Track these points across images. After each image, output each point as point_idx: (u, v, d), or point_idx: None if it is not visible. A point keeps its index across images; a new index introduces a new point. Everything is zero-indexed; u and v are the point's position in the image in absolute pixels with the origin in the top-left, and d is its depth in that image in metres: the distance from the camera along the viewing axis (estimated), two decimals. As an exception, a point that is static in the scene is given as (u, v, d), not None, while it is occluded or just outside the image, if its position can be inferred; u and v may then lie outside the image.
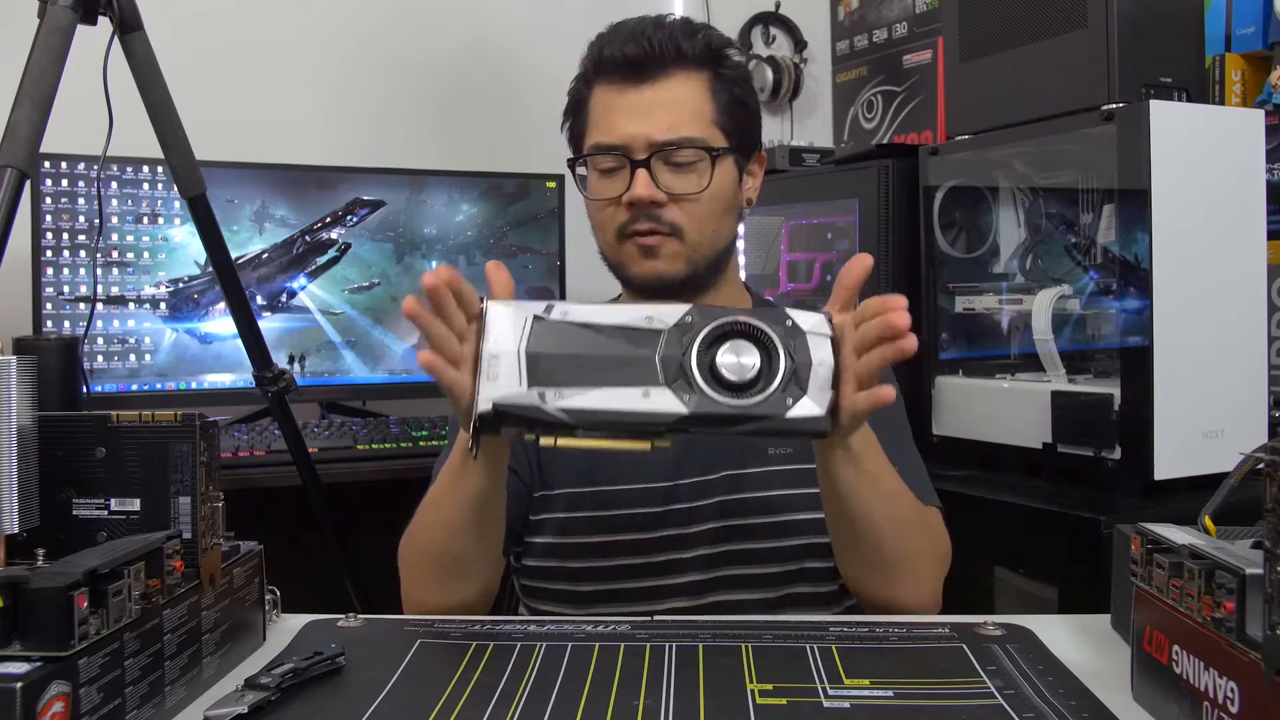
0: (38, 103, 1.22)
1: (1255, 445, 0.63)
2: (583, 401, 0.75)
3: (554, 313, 0.78)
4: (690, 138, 1.07)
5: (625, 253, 1.10)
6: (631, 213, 1.07)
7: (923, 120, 2.45)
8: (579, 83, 1.14)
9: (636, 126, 1.07)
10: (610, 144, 1.08)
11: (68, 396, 1.46)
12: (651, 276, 1.09)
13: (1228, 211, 1.43)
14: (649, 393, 0.75)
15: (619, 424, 0.75)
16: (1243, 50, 1.89)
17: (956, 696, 0.73)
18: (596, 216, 1.12)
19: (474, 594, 1.01)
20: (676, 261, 1.08)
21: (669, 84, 1.08)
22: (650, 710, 0.71)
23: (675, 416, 0.75)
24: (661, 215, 1.07)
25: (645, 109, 1.07)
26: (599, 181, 1.11)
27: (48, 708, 0.58)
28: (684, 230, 1.08)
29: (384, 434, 1.90)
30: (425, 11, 2.35)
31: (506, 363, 0.77)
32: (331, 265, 2.06)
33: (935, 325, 1.72)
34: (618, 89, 1.08)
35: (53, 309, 1.84)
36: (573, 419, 0.75)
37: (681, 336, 0.76)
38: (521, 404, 0.76)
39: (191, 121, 1.45)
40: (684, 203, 1.07)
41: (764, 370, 0.76)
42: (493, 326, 0.78)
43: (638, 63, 1.07)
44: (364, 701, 0.73)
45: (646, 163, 1.06)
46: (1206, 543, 0.68)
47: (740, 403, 0.75)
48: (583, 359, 0.76)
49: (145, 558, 0.70)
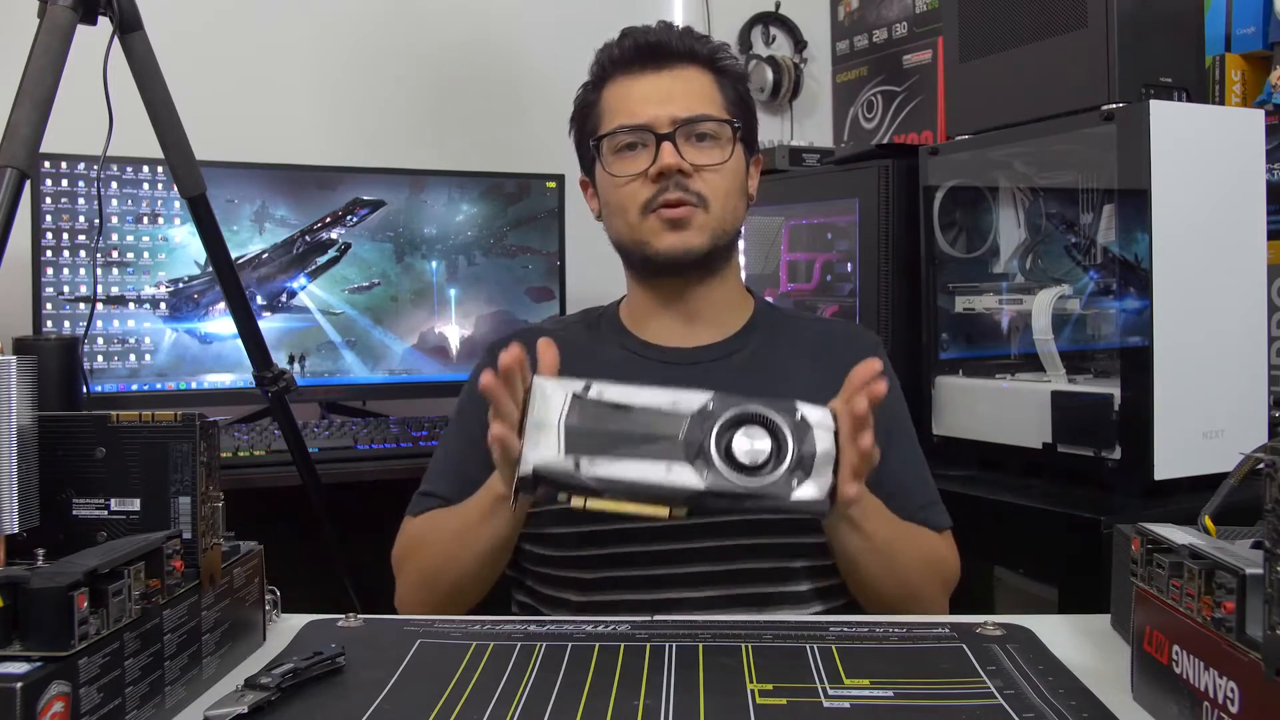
0: (38, 103, 1.22)
1: (1255, 445, 0.63)
2: (612, 471, 0.84)
3: (591, 391, 0.87)
4: (710, 114, 1.13)
5: (648, 228, 1.12)
6: (659, 185, 1.11)
7: (923, 120, 2.45)
8: (586, 90, 1.19)
9: (658, 108, 1.12)
10: (636, 124, 1.12)
11: (68, 396, 1.46)
12: (679, 249, 1.12)
13: (1228, 211, 1.43)
14: (671, 467, 0.84)
15: (643, 493, 0.84)
16: (1243, 50, 1.89)
17: (956, 696, 0.73)
18: (617, 195, 1.14)
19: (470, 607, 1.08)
20: (702, 233, 1.12)
21: (683, 72, 1.14)
22: (650, 710, 0.71)
23: (692, 491, 0.84)
24: (688, 184, 1.11)
25: (665, 91, 1.13)
26: (620, 161, 1.14)
27: (48, 708, 0.58)
28: (709, 200, 1.12)
29: (384, 434, 1.90)
30: (425, 12, 2.35)
31: (548, 433, 0.86)
32: (331, 265, 2.06)
33: (935, 325, 1.72)
34: (636, 76, 1.14)
35: (53, 309, 1.84)
36: (602, 486, 0.84)
37: (703, 422, 0.86)
38: (558, 470, 0.84)
39: (191, 121, 1.45)
40: (707, 173, 1.12)
41: (773, 455, 0.85)
42: (538, 400, 0.87)
43: (657, 49, 1.13)
44: (364, 701, 0.73)
45: (672, 136, 1.11)
46: (1206, 543, 0.68)
47: (750, 483, 0.84)
48: (614, 434, 0.85)
49: (145, 558, 0.70)
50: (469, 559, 1.04)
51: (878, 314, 1.79)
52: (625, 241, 1.16)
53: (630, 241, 1.15)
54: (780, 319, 1.24)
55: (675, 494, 0.84)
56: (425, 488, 1.17)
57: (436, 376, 2.13)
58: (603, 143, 1.15)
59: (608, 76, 1.16)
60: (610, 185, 1.15)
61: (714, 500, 0.84)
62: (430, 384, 2.12)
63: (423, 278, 2.12)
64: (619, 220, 1.15)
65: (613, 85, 1.16)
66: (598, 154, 1.16)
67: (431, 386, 2.12)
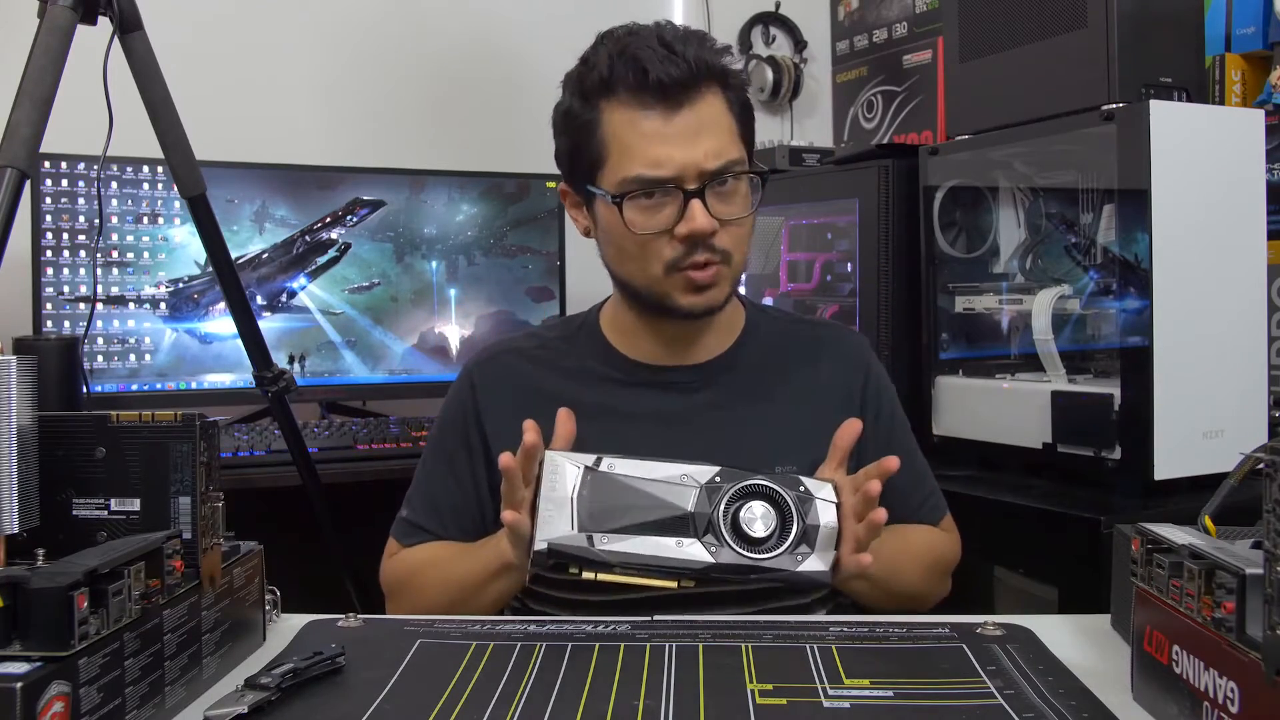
0: (38, 103, 1.22)
1: (1255, 445, 0.63)
2: (625, 546, 0.88)
3: (602, 465, 0.91)
4: (734, 160, 1.04)
5: (672, 284, 1.06)
6: (686, 245, 1.03)
7: (923, 120, 2.45)
8: (578, 100, 1.06)
9: (685, 155, 1.01)
10: (659, 177, 1.02)
11: (68, 396, 1.46)
12: (701, 307, 1.07)
13: (1228, 211, 1.43)
14: (682, 543, 0.88)
15: (653, 567, 0.88)
16: (1243, 50, 1.89)
17: (956, 696, 0.73)
18: (635, 246, 1.05)
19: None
20: (726, 288, 1.08)
21: (703, 103, 1.03)
22: (650, 710, 0.71)
23: (703, 565, 0.88)
24: (715, 244, 1.04)
25: (690, 135, 1.02)
26: (641, 213, 1.03)
27: (48, 708, 0.58)
28: (732, 255, 1.06)
29: (384, 434, 1.90)
30: (426, 12, 2.35)
31: (562, 509, 0.89)
32: (331, 265, 2.06)
33: (935, 325, 1.72)
34: (658, 116, 1.02)
35: (53, 309, 1.84)
36: (616, 560, 0.88)
37: (711, 496, 0.89)
38: (572, 545, 0.88)
39: (191, 121, 1.45)
40: (732, 227, 1.05)
41: (778, 529, 0.89)
42: (551, 475, 0.90)
43: (681, 84, 1.01)
44: (364, 701, 0.73)
45: (701, 193, 1.02)
46: (1206, 543, 0.68)
47: (758, 557, 0.88)
48: (626, 509, 0.89)
49: (145, 558, 0.70)
50: (471, 609, 1.02)
51: (878, 314, 1.79)
52: (639, 288, 1.09)
53: (646, 291, 1.08)
54: (770, 327, 1.20)
55: (685, 569, 0.87)
56: (412, 517, 1.14)
57: (436, 376, 2.13)
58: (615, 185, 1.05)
59: (610, 94, 1.04)
60: (622, 233, 1.05)
61: (722, 574, 0.88)
62: (430, 384, 2.12)
63: (423, 278, 2.12)
64: (634, 267, 1.07)
65: (618, 112, 1.03)
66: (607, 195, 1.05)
67: (431, 386, 2.12)
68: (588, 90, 1.06)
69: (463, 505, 1.12)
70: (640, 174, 1.02)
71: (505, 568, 0.98)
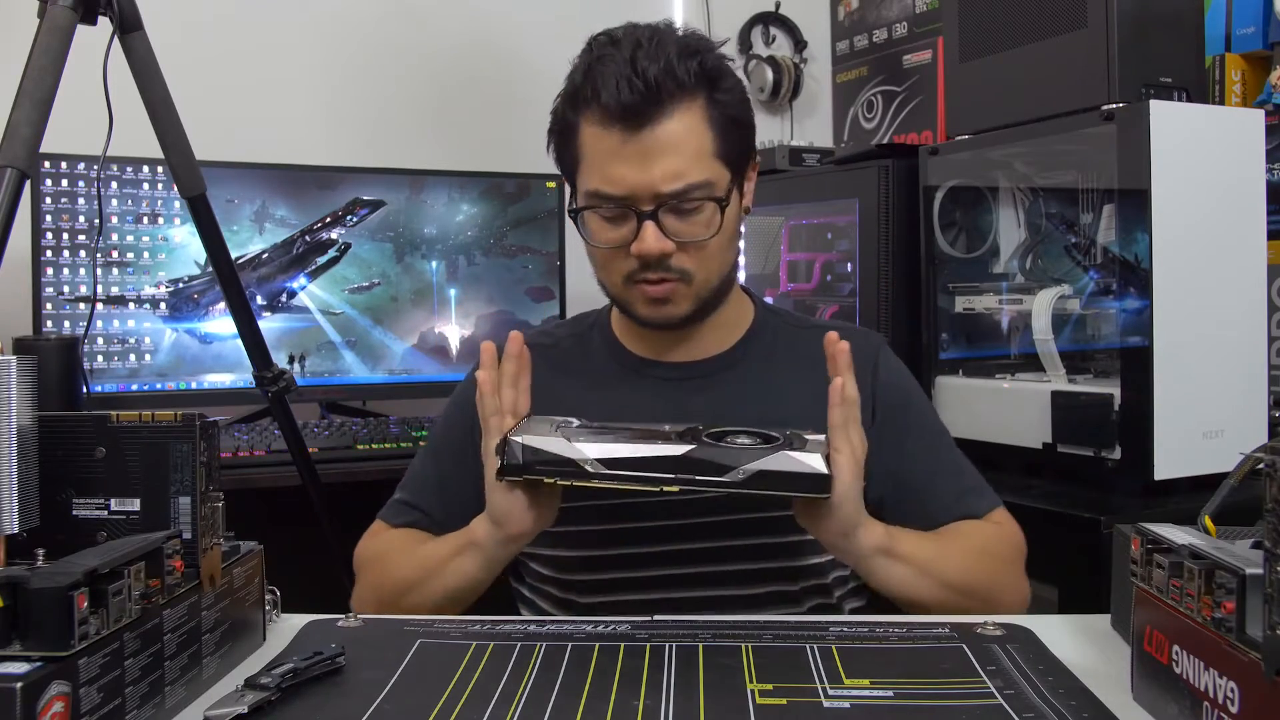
0: (38, 103, 1.22)
1: (1255, 445, 0.63)
2: (603, 449, 0.87)
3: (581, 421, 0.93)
4: (695, 184, 1.02)
5: (632, 296, 1.08)
6: (640, 262, 1.04)
7: (923, 120, 2.45)
8: (564, 103, 1.07)
9: (639, 176, 1.01)
10: (613, 195, 1.03)
11: (68, 396, 1.46)
12: (659, 319, 1.09)
13: (1228, 211, 1.43)
14: (663, 446, 0.87)
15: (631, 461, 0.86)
16: (1243, 50, 1.89)
17: (956, 696, 0.73)
18: (598, 255, 1.09)
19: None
20: (685, 303, 1.08)
21: (667, 124, 1.01)
22: (650, 710, 0.71)
23: (682, 452, 0.86)
24: (670, 264, 1.04)
25: (646, 156, 1.01)
26: (601, 226, 1.06)
27: (48, 708, 0.58)
28: (692, 274, 1.06)
29: (384, 434, 1.90)
30: (425, 12, 2.35)
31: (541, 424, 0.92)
32: (331, 265, 2.06)
33: (935, 325, 1.72)
34: (617, 135, 1.01)
35: (53, 309, 1.84)
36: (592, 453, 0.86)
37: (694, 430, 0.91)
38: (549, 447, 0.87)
39: (191, 121, 1.45)
40: (692, 249, 1.05)
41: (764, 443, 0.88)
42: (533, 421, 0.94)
43: (635, 110, 1.00)
44: (364, 701, 0.73)
45: (654, 214, 1.02)
46: (1206, 543, 0.68)
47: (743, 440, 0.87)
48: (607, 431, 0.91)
49: (145, 558, 0.70)
50: (431, 591, 1.02)
51: (878, 314, 1.79)
52: (609, 293, 1.12)
53: (616, 299, 1.12)
54: (780, 326, 1.20)
55: (664, 460, 0.85)
56: (406, 497, 1.15)
57: (436, 376, 2.13)
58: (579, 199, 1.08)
59: (586, 106, 1.04)
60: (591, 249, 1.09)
61: (703, 464, 0.84)
62: (430, 384, 2.12)
63: (423, 278, 2.12)
64: (602, 274, 1.11)
65: (589, 124, 1.04)
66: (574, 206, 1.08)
67: (431, 386, 2.12)
68: (570, 96, 1.07)
69: (458, 489, 1.11)
70: (598, 189, 1.04)
71: (471, 544, 0.98)
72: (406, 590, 1.03)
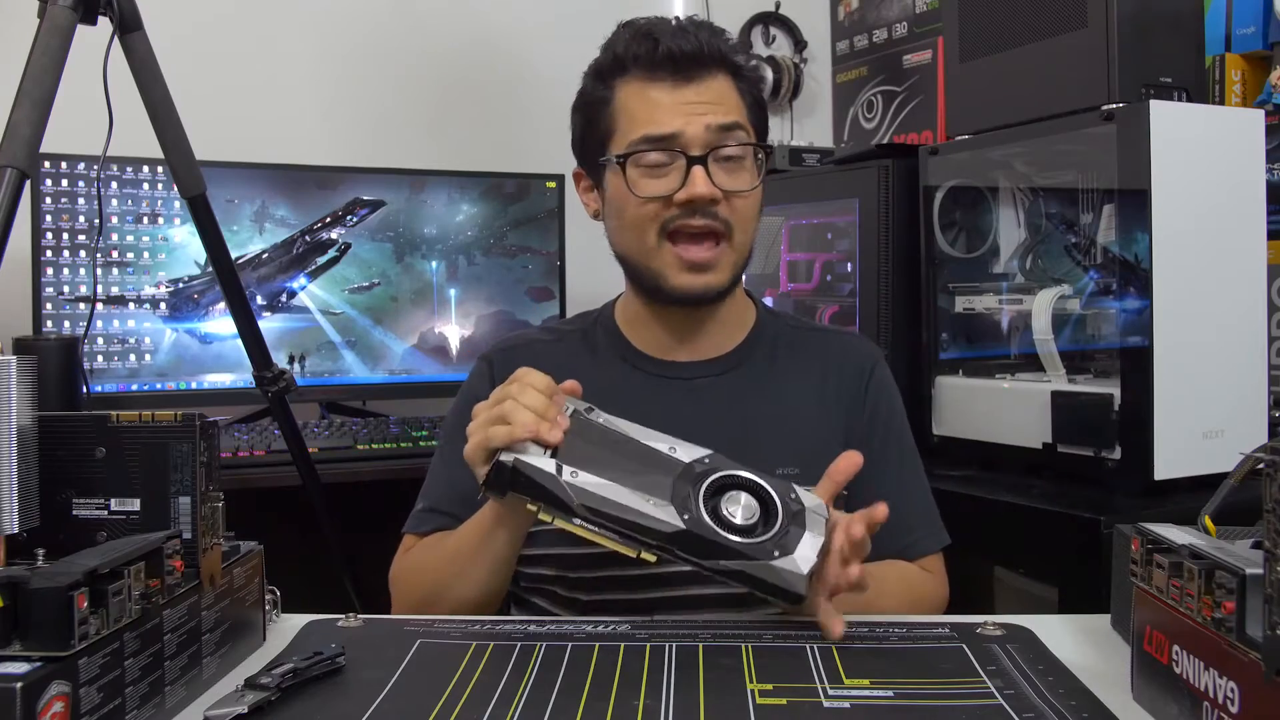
0: (38, 103, 1.22)
1: (1255, 445, 0.63)
2: (594, 486, 0.83)
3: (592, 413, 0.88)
4: (742, 123, 1.08)
5: (665, 260, 1.07)
6: (683, 209, 1.05)
7: (923, 120, 2.45)
8: (594, 81, 1.11)
9: (688, 120, 1.05)
10: (664, 136, 1.05)
11: (68, 396, 1.46)
12: (698, 289, 1.08)
13: (1228, 211, 1.43)
14: (654, 502, 0.83)
15: (618, 519, 0.82)
16: (1243, 50, 1.89)
17: (956, 696, 0.73)
18: (634, 212, 1.07)
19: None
20: (726, 271, 1.08)
21: (712, 83, 1.07)
22: (650, 710, 0.71)
23: (671, 529, 0.82)
24: (717, 212, 1.06)
25: (696, 106, 1.06)
26: (644, 178, 1.06)
27: (48, 708, 0.58)
28: (734, 229, 1.07)
29: (384, 434, 1.90)
30: (426, 12, 2.35)
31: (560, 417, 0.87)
32: (331, 265, 2.06)
33: (935, 325, 1.72)
34: (667, 85, 1.06)
35: (53, 309, 1.84)
36: (579, 498, 0.83)
37: (696, 474, 0.85)
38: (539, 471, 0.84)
39: (191, 121, 1.45)
40: (735, 200, 1.07)
41: (759, 524, 0.84)
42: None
43: (691, 58, 1.06)
44: (364, 701, 0.73)
45: (704, 160, 1.05)
46: (1206, 543, 0.68)
47: (731, 537, 0.82)
48: (605, 458, 0.85)
49: (145, 558, 0.70)
50: (467, 583, 1.01)
51: (878, 314, 1.79)
52: (635, 262, 1.10)
53: (642, 266, 1.10)
54: (781, 329, 1.20)
55: (651, 529, 0.82)
56: (428, 504, 1.14)
57: (436, 376, 2.13)
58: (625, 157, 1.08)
59: (624, 72, 1.08)
60: (625, 198, 1.07)
61: (688, 547, 0.82)
62: (430, 384, 2.12)
63: (423, 278, 2.12)
64: (631, 237, 1.09)
65: (631, 85, 1.08)
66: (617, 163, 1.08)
67: (431, 386, 2.12)
68: (603, 71, 1.10)
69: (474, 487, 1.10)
70: (645, 133, 1.06)
71: (498, 521, 0.97)
72: (442, 590, 1.02)
